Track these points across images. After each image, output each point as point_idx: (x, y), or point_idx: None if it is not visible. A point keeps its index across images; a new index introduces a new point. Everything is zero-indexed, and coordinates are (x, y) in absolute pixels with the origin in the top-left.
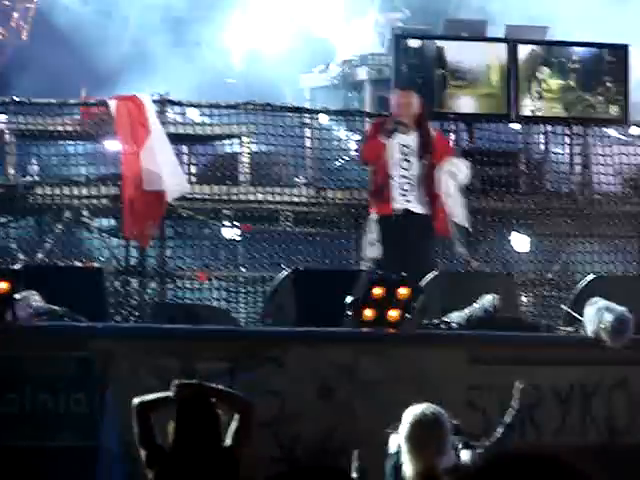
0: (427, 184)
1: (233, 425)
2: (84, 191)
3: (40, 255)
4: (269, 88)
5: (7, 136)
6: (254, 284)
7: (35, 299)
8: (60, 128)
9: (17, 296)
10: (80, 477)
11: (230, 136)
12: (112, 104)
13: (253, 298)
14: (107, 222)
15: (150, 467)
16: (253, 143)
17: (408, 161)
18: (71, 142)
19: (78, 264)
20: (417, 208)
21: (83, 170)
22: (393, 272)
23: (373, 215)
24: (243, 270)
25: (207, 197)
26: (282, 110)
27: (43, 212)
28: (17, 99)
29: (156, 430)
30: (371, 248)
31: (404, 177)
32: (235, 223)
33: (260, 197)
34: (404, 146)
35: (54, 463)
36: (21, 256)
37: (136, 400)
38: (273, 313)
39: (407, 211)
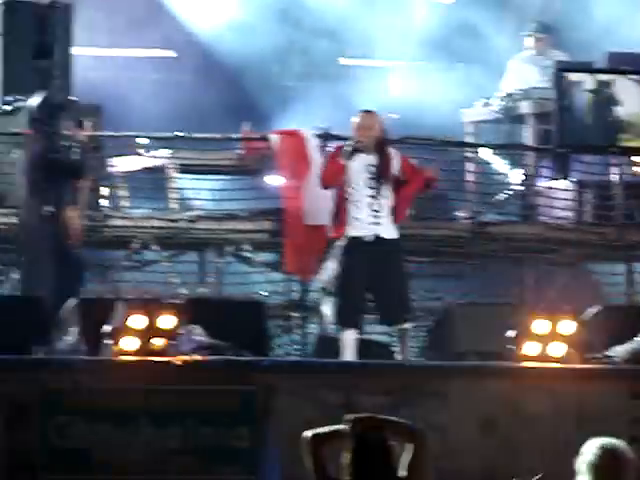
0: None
1: (406, 456)
2: (246, 225)
3: (202, 289)
4: (430, 122)
5: (170, 171)
6: (417, 318)
7: (198, 333)
8: (222, 162)
9: (180, 330)
10: None
11: None
12: (274, 138)
13: (416, 332)
14: (269, 256)
15: None
16: None
17: (376, 180)
18: (233, 176)
19: (240, 298)
20: (386, 232)
21: (245, 204)
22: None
23: (341, 242)
24: None
25: None
26: (444, 144)
27: (205, 246)
28: (180, 134)
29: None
30: (324, 272)
31: (373, 197)
32: None
33: (421, 232)
34: (370, 165)
35: None
36: (184, 290)
37: (308, 433)
38: (436, 347)
39: (377, 237)
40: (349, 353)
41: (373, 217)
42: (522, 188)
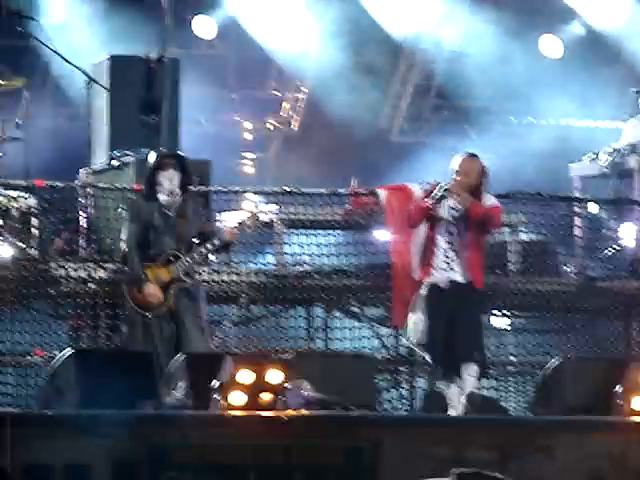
0: (471, 253)
1: None
2: (354, 281)
3: (310, 344)
4: (535, 176)
5: (278, 226)
6: (524, 373)
7: (306, 388)
8: (329, 217)
9: (288, 385)
10: None
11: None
12: (382, 193)
13: (524, 387)
14: (376, 311)
15: None
16: (523, 232)
17: (456, 225)
18: (340, 231)
19: (348, 353)
20: (458, 276)
21: (353, 260)
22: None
23: (422, 291)
24: (512, 359)
25: None
26: (552, 199)
27: (313, 302)
28: (287, 189)
29: None
30: (415, 328)
31: (450, 243)
32: (505, 312)
33: (529, 286)
34: (454, 210)
35: None
36: (291, 346)
37: None
38: (543, 402)
39: (451, 282)
40: (456, 406)
41: (446, 263)
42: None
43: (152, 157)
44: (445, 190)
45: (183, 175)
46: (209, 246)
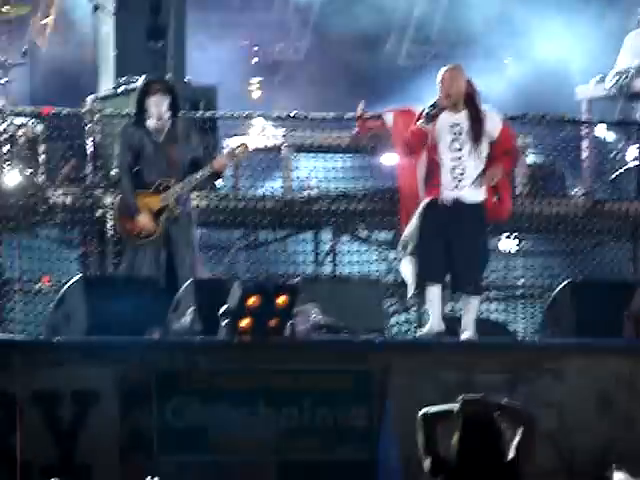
0: (483, 170)
1: (515, 439)
2: (361, 205)
3: (316, 269)
4: (545, 99)
5: (284, 151)
6: (532, 296)
7: (314, 312)
8: (337, 142)
9: (296, 310)
10: None
11: None
12: (388, 117)
13: (532, 310)
14: (384, 235)
15: (434, 476)
16: (530, 154)
17: (459, 141)
18: (347, 155)
19: (356, 278)
20: (468, 198)
21: (360, 183)
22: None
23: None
24: (520, 282)
25: None
26: (559, 122)
27: (320, 226)
28: (294, 114)
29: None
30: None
31: (456, 160)
32: (513, 235)
33: (537, 209)
34: (454, 125)
35: (334, 477)
36: (299, 270)
37: (421, 411)
38: (551, 325)
39: (456, 201)
40: (436, 309)
41: (455, 181)
42: (637, 165)
43: (140, 83)
44: (432, 105)
45: (171, 99)
46: (199, 175)
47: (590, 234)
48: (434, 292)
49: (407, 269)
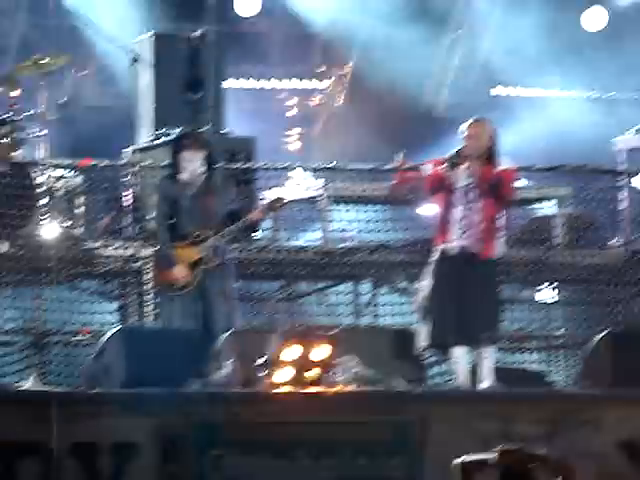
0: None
1: None
2: (399, 256)
3: (355, 320)
4: (584, 150)
5: (323, 202)
6: (571, 346)
7: (353, 364)
8: (374, 193)
9: (335, 361)
10: None
11: (546, 198)
12: (426, 168)
13: (571, 360)
14: None
15: None
16: (569, 205)
17: (472, 193)
18: (385, 206)
19: (395, 328)
20: (475, 249)
21: (398, 235)
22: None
23: (432, 257)
24: (559, 332)
25: (522, 260)
26: (597, 172)
27: (359, 278)
28: (333, 165)
29: None
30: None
31: (464, 211)
32: (551, 286)
33: (576, 259)
34: (468, 177)
35: None
36: (338, 321)
37: (458, 460)
38: (590, 375)
39: (462, 250)
40: (461, 367)
41: (461, 232)
42: None
43: (174, 136)
44: (455, 154)
45: (206, 153)
46: (235, 227)
47: (629, 284)
48: (457, 352)
49: (424, 336)
